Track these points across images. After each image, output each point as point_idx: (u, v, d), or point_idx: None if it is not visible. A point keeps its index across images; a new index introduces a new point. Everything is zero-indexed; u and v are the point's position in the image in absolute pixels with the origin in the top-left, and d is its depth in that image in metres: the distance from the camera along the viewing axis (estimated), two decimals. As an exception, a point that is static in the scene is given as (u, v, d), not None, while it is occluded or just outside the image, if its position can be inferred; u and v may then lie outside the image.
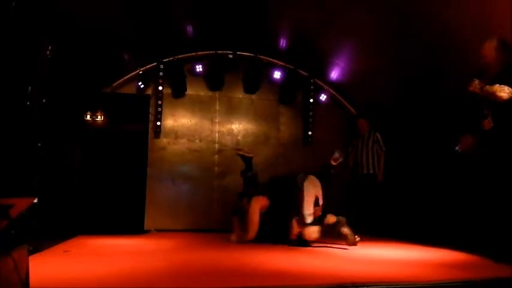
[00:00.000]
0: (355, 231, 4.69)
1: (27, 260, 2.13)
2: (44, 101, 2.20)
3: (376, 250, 4.52)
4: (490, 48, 3.82)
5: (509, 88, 3.49)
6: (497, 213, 3.81)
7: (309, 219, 4.82)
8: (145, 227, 6.28)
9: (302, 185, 4.88)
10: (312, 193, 4.91)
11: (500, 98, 3.51)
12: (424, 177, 5.92)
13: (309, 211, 4.83)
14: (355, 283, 2.60)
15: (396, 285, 2.71)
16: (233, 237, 5.27)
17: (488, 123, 3.77)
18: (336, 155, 5.29)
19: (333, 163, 5.26)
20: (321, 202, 5.04)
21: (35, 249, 3.70)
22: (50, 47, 2.08)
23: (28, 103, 1.98)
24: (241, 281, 2.78)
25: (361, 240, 4.94)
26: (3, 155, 1.84)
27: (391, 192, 6.33)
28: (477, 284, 2.84)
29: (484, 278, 2.95)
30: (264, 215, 5.11)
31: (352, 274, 3.00)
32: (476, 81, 3.75)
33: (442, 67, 5.13)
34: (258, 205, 5.08)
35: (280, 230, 5.03)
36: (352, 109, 7.50)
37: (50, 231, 4.80)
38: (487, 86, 3.63)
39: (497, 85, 3.53)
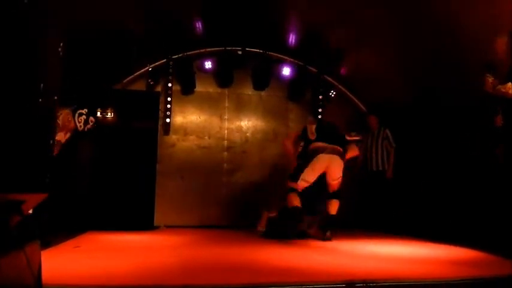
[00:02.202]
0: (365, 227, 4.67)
1: (40, 255, 2.16)
2: (56, 98, 2.22)
3: (387, 247, 4.50)
4: (501, 44, 3.80)
5: None
6: (507, 210, 3.79)
7: (297, 185, 4.87)
8: (155, 223, 6.32)
9: (316, 155, 4.84)
10: (320, 166, 4.86)
11: None
12: (433, 174, 5.88)
13: (305, 180, 4.85)
14: (366, 280, 2.59)
15: (406, 282, 2.70)
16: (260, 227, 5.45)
17: (499, 120, 3.76)
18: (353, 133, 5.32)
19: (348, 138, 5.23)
20: (332, 181, 4.99)
21: (47, 244, 3.74)
22: (61, 45, 2.10)
23: (40, 100, 2.00)
24: (251, 277, 2.79)
25: (372, 236, 4.96)
26: (16, 152, 1.87)
27: (400, 189, 6.30)
28: (488, 281, 2.82)
29: (495, 276, 2.92)
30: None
31: (362, 271, 2.99)
32: (490, 80, 3.74)
33: (452, 66, 5.07)
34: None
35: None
36: (362, 106, 7.46)
37: (61, 227, 4.85)
38: (499, 86, 3.62)
39: (510, 83, 3.53)
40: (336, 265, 3.30)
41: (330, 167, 4.86)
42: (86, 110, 4.04)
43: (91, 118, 4.14)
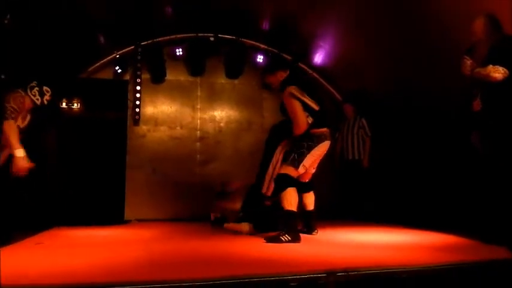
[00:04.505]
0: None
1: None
2: (2, 76, 1.98)
3: (366, 235, 4.43)
4: (479, 25, 3.71)
5: (504, 68, 3.38)
6: (486, 196, 3.75)
7: (297, 172, 4.13)
8: (126, 217, 6.08)
9: (322, 142, 4.21)
10: (319, 153, 4.24)
11: (494, 78, 3.41)
12: (412, 161, 5.85)
13: (305, 166, 4.14)
14: (347, 268, 2.47)
15: (388, 269, 2.60)
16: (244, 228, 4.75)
17: (477, 105, 3.67)
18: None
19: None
20: (313, 169, 4.47)
21: (6, 242, 3.48)
22: (8, 16, 1.86)
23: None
24: (227, 269, 2.62)
25: (351, 225, 4.99)
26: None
27: (377, 177, 6.25)
28: (471, 266, 2.75)
29: (477, 260, 2.87)
30: None
31: (343, 259, 2.88)
32: (469, 62, 3.64)
33: (432, 53, 5.01)
34: None
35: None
36: (337, 94, 7.35)
37: (24, 223, 4.57)
38: (479, 68, 3.52)
39: (491, 66, 3.42)
40: (316, 255, 3.18)
41: (322, 154, 4.35)
42: (36, 82, 3.73)
43: (45, 88, 3.84)
